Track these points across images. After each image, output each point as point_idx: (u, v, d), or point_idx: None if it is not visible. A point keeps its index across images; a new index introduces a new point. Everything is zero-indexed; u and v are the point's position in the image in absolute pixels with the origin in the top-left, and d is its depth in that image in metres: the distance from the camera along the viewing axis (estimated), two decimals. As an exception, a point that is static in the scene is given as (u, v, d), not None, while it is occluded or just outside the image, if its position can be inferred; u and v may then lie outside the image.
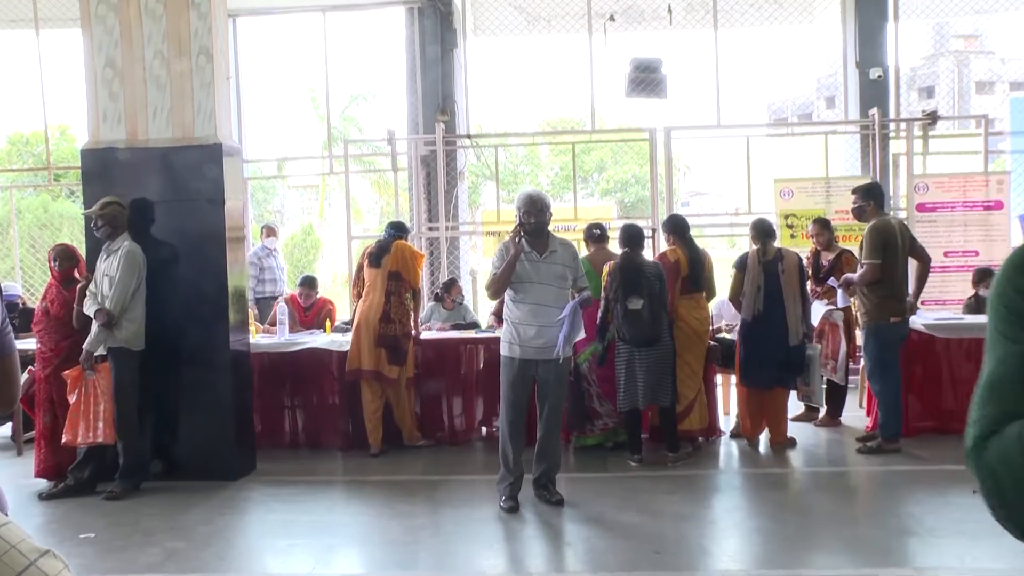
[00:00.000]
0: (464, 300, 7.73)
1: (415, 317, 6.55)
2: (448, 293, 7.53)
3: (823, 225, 6.91)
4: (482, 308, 9.48)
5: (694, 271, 6.10)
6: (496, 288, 4.79)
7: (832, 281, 6.48)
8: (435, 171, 9.22)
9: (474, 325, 7.27)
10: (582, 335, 4.85)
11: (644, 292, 5.57)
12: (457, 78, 9.69)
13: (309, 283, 7.49)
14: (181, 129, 5.68)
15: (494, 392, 6.58)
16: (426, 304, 8.26)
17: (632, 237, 5.90)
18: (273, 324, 7.13)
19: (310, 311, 7.41)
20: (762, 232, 6.25)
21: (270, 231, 8.98)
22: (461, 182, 9.73)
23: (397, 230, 6.55)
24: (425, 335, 6.73)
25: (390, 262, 6.33)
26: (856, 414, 7.05)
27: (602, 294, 5.81)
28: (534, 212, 4.72)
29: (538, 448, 4.98)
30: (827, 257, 6.77)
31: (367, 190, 25.67)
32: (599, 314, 5.80)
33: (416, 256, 6.47)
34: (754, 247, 6.25)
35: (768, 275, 6.09)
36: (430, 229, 9.35)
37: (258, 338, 6.74)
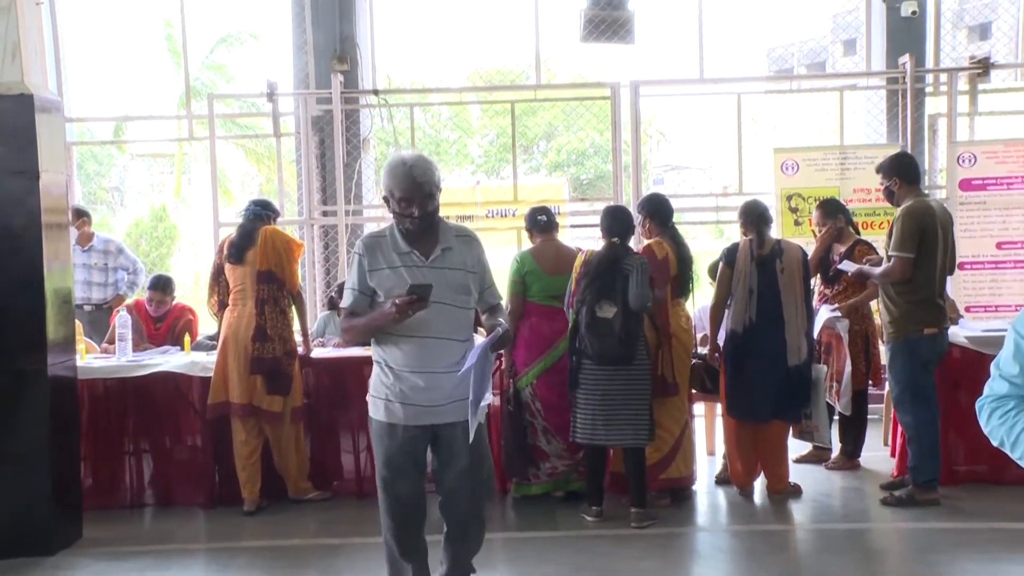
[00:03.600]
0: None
1: (303, 330, 6.51)
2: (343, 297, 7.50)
3: (830, 210, 7.04)
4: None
5: (683, 271, 6.22)
6: (353, 339, 4.33)
7: (845, 265, 6.57)
8: (331, 137, 9.17)
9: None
10: (488, 396, 3.98)
11: (619, 297, 5.63)
12: (360, 16, 9.65)
13: (162, 285, 7.38)
14: (-35, 72, 5.56)
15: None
16: (318, 312, 8.21)
17: (620, 223, 5.98)
18: (112, 341, 7.02)
19: (162, 322, 7.31)
20: (755, 218, 6.36)
21: (79, 215, 8.71)
22: (366, 152, 9.69)
23: (263, 209, 6.49)
24: (317, 353, 6.70)
25: (257, 257, 6.27)
26: (879, 454, 7.22)
27: (567, 300, 5.88)
28: (418, 199, 3.89)
29: (447, 540, 4.32)
30: (839, 250, 6.91)
31: (241, 161, 25.39)
32: (570, 322, 5.85)
33: (292, 246, 6.43)
34: (746, 237, 6.37)
35: (763, 274, 6.21)
36: (325, 214, 9.30)
37: (89, 359, 6.62)
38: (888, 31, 9.40)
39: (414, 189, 3.88)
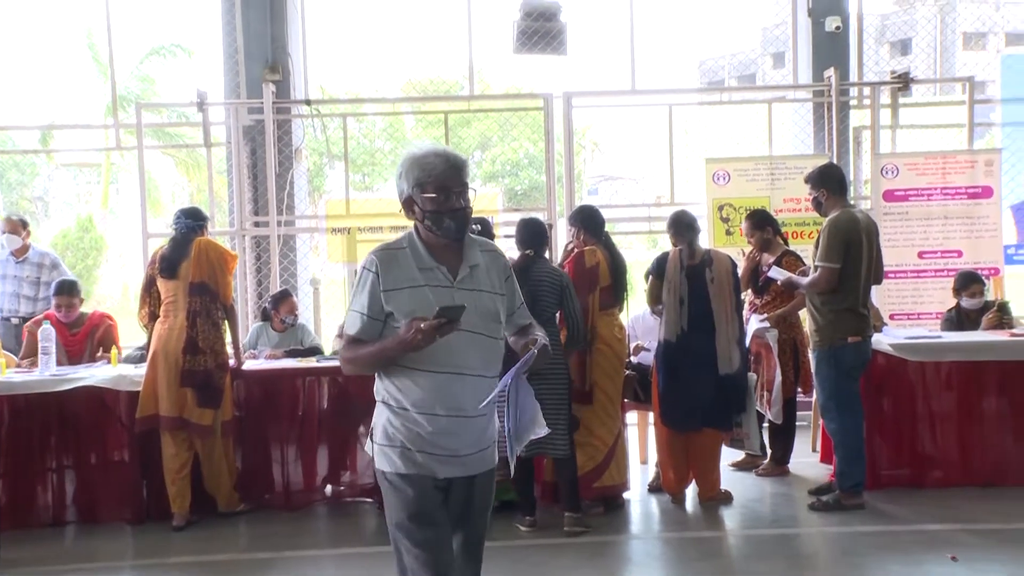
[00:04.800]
0: (299, 319, 7.66)
1: (235, 343, 6.47)
2: (276, 310, 7.46)
3: (757, 221, 7.19)
4: (326, 328, 9.42)
5: (617, 280, 6.27)
6: (357, 370, 3.44)
7: (775, 272, 6.70)
8: (263, 148, 9.11)
9: (315, 351, 7.23)
10: (536, 429, 3.37)
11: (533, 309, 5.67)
12: (292, 26, 9.61)
13: (67, 289, 7.16)
14: None
15: (342, 438, 6.59)
16: (251, 324, 8.15)
17: (533, 236, 6.04)
18: (27, 356, 6.90)
19: (78, 328, 7.14)
20: (684, 228, 6.46)
21: (22, 225, 8.55)
22: (298, 162, 9.65)
23: (194, 220, 6.44)
24: (249, 365, 6.66)
25: (190, 269, 6.23)
26: (808, 460, 7.35)
27: None
28: (458, 188, 3.24)
29: None
30: (767, 261, 7.06)
31: (171, 171, 25.07)
32: None
33: (226, 258, 6.38)
34: (676, 247, 6.46)
35: (693, 284, 6.30)
36: (257, 224, 9.23)
37: (9, 374, 6.50)
38: (814, 45, 9.61)
39: (453, 176, 3.22)
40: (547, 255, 6.22)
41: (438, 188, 3.20)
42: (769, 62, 39.02)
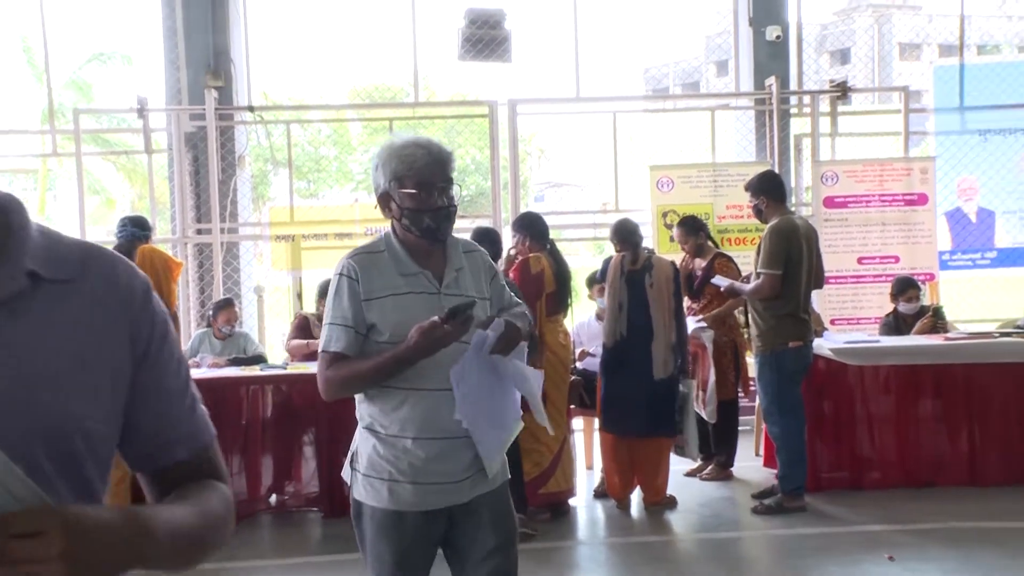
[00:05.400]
0: (242, 327, 7.62)
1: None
2: (216, 318, 7.42)
3: (689, 228, 7.27)
4: (270, 336, 9.37)
5: (561, 286, 6.30)
6: (348, 390, 2.96)
7: (718, 279, 6.79)
8: (205, 154, 9.04)
9: (259, 359, 7.18)
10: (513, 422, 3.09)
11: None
12: (234, 31, 9.55)
13: None
14: None
15: (287, 447, 6.56)
16: (192, 332, 8.09)
17: (489, 245, 6.04)
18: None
19: None
20: (626, 235, 6.52)
21: None
22: (242, 169, 9.58)
23: (139, 228, 6.38)
24: (192, 374, 6.57)
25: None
26: (752, 464, 7.45)
27: None
28: (441, 183, 2.90)
29: None
30: (700, 265, 7.15)
31: (112, 177, 24.72)
32: None
33: (171, 265, 6.34)
34: (619, 253, 6.52)
35: (632, 289, 6.36)
36: (199, 232, 9.16)
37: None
38: (755, 54, 9.72)
39: (436, 170, 2.88)
40: (499, 264, 6.25)
41: (419, 183, 2.86)
42: (713, 70, 39.45)
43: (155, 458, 1.45)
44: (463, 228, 9.77)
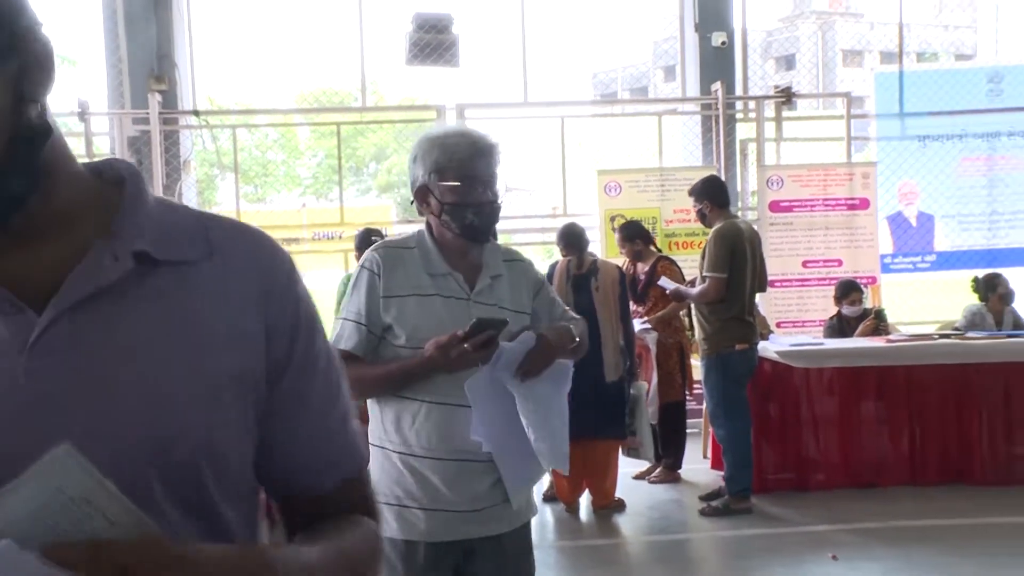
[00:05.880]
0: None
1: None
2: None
3: (627, 234, 7.28)
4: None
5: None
6: (366, 393, 2.65)
7: (664, 282, 6.83)
8: (149, 159, 8.94)
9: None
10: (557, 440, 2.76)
11: None
12: (179, 33, 9.45)
13: None
14: None
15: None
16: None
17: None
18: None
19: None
20: (571, 240, 6.55)
21: None
22: (187, 174, 9.48)
23: None
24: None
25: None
26: (700, 466, 7.50)
27: None
28: (486, 178, 2.63)
29: None
30: (642, 270, 7.20)
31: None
32: None
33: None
34: (565, 258, 6.54)
35: (579, 293, 6.38)
36: (143, 237, 9.05)
37: None
38: (701, 60, 9.79)
39: (480, 162, 2.60)
40: None
41: (461, 175, 2.58)
42: (661, 75, 39.72)
43: (290, 485, 1.17)
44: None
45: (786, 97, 9.62)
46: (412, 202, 2.73)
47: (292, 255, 1.17)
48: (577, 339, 2.80)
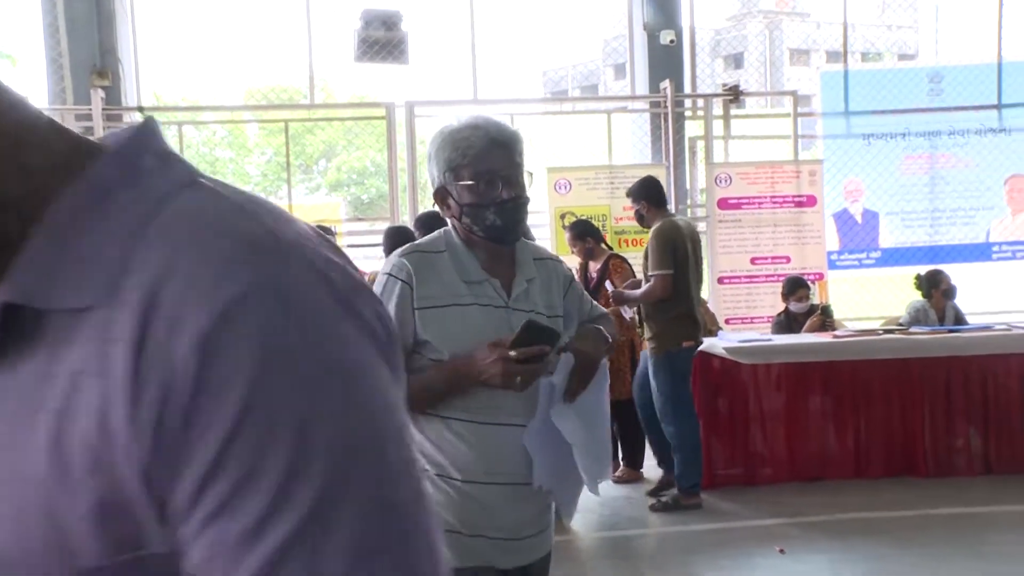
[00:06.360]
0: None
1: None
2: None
3: (577, 233, 7.27)
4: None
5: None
6: (428, 405, 2.34)
7: (609, 286, 6.86)
8: (92, 155, 8.82)
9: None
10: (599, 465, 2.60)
11: None
12: (122, 28, 9.33)
13: None
14: None
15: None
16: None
17: (403, 244, 6.02)
18: None
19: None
20: None
21: None
22: (132, 171, 9.38)
23: None
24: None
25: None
26: (650, 462, 7.52)
27: None
28: (507, 172, 2.35)
29: None
30: (594, 268, 7.22)
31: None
32: None
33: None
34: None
35: None
36: (87, 235, 8.93)
37: None
38: (650, 58, 9.86)
39: (497, 155, 2.33)
40: None
41: (477, 172, 2.33)
42: (611, 73, 39.89)
43: None
44: (359, 231, 9.79)
45: (734, 95, 9.70)
46: (433, 204, 2.53)
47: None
48: (609, 339, 2.63)
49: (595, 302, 2.73)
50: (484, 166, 2.32)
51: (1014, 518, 6.04)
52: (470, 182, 2.32)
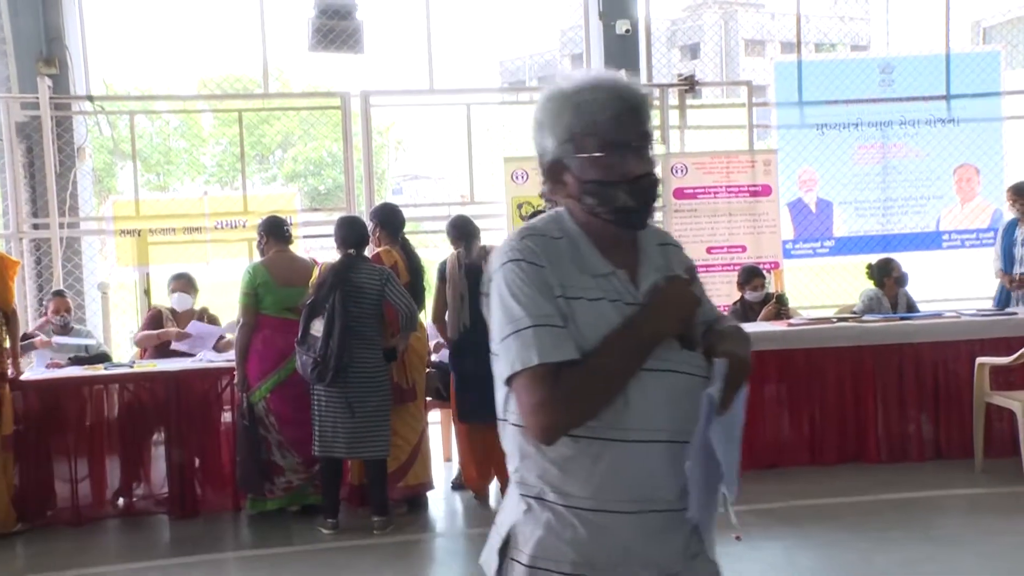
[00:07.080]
0: (85, 324, 7.36)
1: (13, 351, 6.16)
2: (47, 312, 7.19)
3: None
4: (116, 335, 9.08)
5: (415, 281, 6.34)
6: (599, 400, 1.86)
7: None
8: (40, 145, 8.68)
9: (102, 358, 6.93)
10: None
11: (334, 312, 5.65)
12: (69, 17, 9.17)
13: None
14: None
15: (135, 449, 6.39)
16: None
17: (355, 233, 6.03)
18: None
19: None
20: (462, 232, 6.53)
21: None
22: (82, 161, 9.23)
23: None
24: (29, 375, 6.39)
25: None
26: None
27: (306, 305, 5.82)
28: (635, 140, 1.95)
29: None
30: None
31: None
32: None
33: (6, 264, 6.11)
34: (455, 249, 6.53)
35: (472, 281, 6.38)
36: (36, 227, 8.79)
37: None
38: (606, 48, 9.86)
39: (630, 122, 1.93)
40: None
41: (606, 143, 1.91)
42: (568, 63, 39.91)
43: None
44: (315, 221, 9.71)
45: (690, 85, 9.76)
46: (543, 183, 2.04)
47: (194, 245, 0.83)
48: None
49: (711, 309, 2.19)
50: (614, 135, 1.92)
51: (962, 501, 6.15)
52: (598, 154, 1.92)
